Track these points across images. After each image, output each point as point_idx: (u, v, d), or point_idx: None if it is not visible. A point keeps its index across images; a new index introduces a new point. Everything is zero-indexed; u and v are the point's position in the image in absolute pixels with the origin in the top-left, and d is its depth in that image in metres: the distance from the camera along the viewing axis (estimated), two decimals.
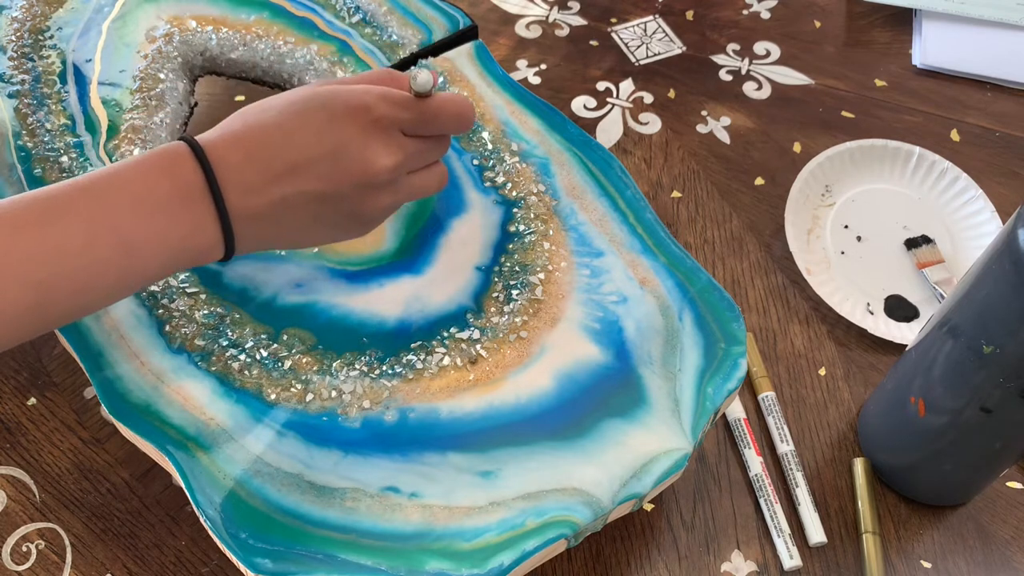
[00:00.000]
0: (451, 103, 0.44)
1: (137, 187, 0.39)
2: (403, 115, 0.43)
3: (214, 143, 0.41)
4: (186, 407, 0.44)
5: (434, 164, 0.47)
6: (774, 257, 0.63)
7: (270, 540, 0.40)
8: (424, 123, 0.43)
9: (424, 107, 0.43)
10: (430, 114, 0.43)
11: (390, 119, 0.42)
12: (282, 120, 0.41)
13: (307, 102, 0.42)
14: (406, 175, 0.44)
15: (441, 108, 0.44)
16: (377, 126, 0.42)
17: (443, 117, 0.44)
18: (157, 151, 0.40)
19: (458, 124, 0.45)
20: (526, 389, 0.45)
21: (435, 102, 0.44)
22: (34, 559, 0.49)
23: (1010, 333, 0.40)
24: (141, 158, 0.40)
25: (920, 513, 0.52)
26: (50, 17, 0.60)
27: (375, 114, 0.42)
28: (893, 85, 0.74)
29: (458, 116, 0.45)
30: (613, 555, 0.51)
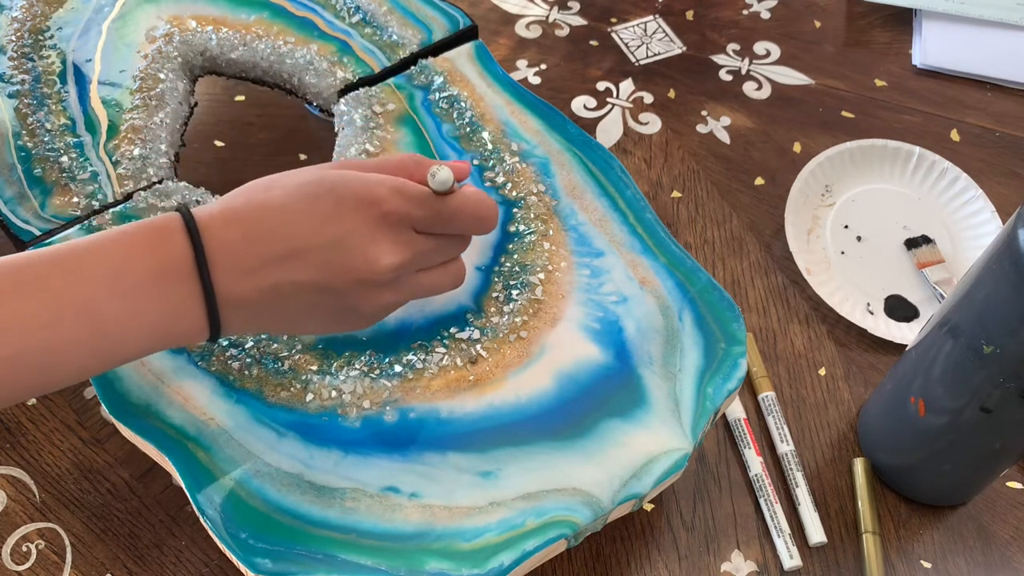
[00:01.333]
0: (472, 204, 0.41)
1: (117, 261, 0.36)
2: (416, 212, 0.40)
3: (210, 217, 0.38)
4: (186, 407, 0.44)
5: (449, 262, 0.43)
6: (774, 257, 0.63)
7: (270, 540, 0.40)
8: (439, 222, 0.41)
9: (441, 205, 0.40)
10: (447, 214, 0.40)
11: (401, 214, 0.39)
12: (286, 201, 0.38)
13: (316, 185, 0.39)
14: (414, 273, 0.41)
15: (460, 209, 0.41)
16: (385, 221, 0.39)
17: (461, 218, 0.41)
18: (149, 221, 0.38)
19: (478, 226, 0.42)
20: (526, 389, 0.45)
21: (454, 201, 0.41)
22: (34, 559, 0.49)
23: (1010, 333, 0.40)
24: (131, 227, 0.37)
25: (920, 513, 0.52)
26: (50, 17, 0.60)
27: (385, 208, 0.39)
28: (893, 85, 0.74)
29: (479, 219, 0.42)
30: (613, 555, 0.51)
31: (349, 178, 0.39)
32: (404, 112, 0.57)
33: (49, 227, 0.50)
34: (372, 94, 0.57)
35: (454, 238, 0.42)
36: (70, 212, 0.51)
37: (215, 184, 0.57)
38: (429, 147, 0.55)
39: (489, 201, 0.42)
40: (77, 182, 0.52)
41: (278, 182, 0.40)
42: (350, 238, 0.38)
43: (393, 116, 0.56)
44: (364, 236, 0.38)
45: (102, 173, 0.52)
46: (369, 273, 0.39)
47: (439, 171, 0.39)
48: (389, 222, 0.39)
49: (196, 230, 0.37)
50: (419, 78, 0.58)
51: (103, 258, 0.36)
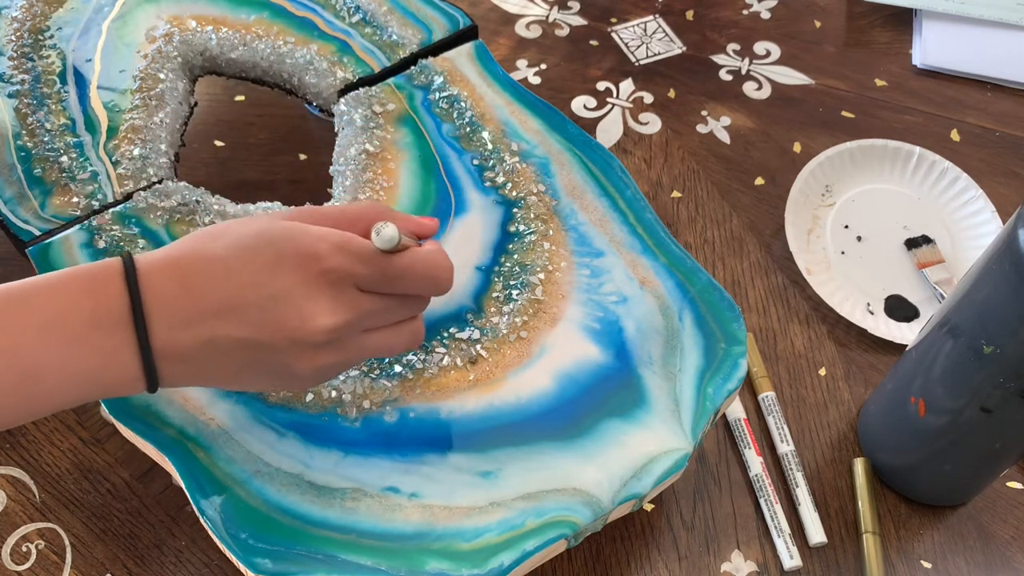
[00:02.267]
0: (423, 264, 0.39)
1: (50, 308, 0.35)
2: (360, 270, 0.38)
3: (150, 266, 0.37)
4: (186, 407, 0.44)
5: (404, 322, 0.41)
6: (774, 257, 0.63)
7: (270, 540, 0.40)
8: (386, 282, 0.38)
9: (387, 264, 0.38)
10: (394, 273, 0.38)
11: (342, 273, 0.37)
12: (227, 254, 0.37)
13: (258, 238, 0.37)
14: (360, 334, 0.39)
15: (410, 269, 0.39)
16: (325, 279, 0.37)
17: (411, 279, 0.39)
18: (90, 266, 0.37)
19: (431, 288, 0.40)
20: (526, 389, 0.45)
21: (402, 261, 0.38)
22: (34, 559, 0.49)
23: (1010, 333, 0.40)
24: (71, 272, 0.36)
25: (920, 513, 0.52)
26: (50, 17, 0.60)
27: (325, 265, 0.37)
28: (893, 85, 0.74)
29: (431, 279, 0.40)
30: (613, 555, 0.51)
31: (292, 232, 0.38)
32: (404, 112, 0.57)
33: (49, 227, 0.50)
34: (372, 94, 0.57)
35: (408, 297, 0.40)
36: (70, 212, 0.51)
37: (215, 184, 0.57)
38: (429, 147, 0.55)
39: (443, 261, 0.40)
40: (77, 182, 0.52)
41: (224, 232, 0.38)
42: (286, 296, 0.37)
43: (393, 116, 0.56)
44: (300, 294, 0.37)
45: (102, 173, 0.52)
46: (304, 333, 0.37)
47: (384, 228, 0.37)
48: (329, 280, 0.37)
49: (135, 278, 0.36)
50: (419, 78, 0.58)
51: (39, 304, 0.35)
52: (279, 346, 0.37)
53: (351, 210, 0.41)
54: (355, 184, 0.53)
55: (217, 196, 0.52)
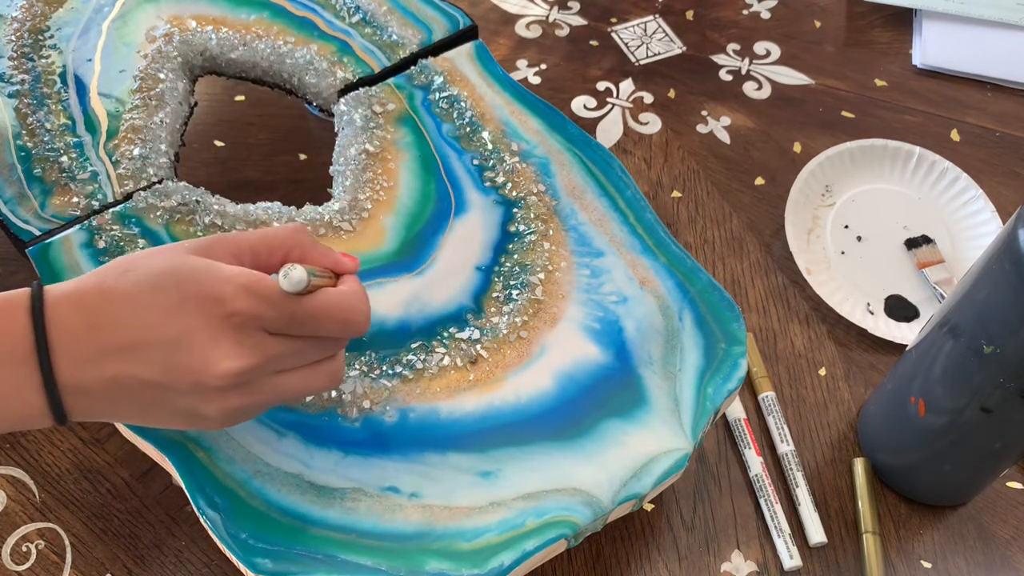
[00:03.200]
0: (335, 307, 0.38)
1: None
2: (267, 313, 0.36)
3: (58, 300, 0.36)
4: None
5: (322, 362, 0.39)
6: (774, 257, 0.63)
7: (270, 540, 0.40)
8: (295, 325, 0.37)
9: (296, 307, 0.37)
10: (304, 316, 0.37)
11: (247, 316, 0.36)
12: (135, 291, 0.36)
13: (165, 276, 0.36)
14: (273, 375, 0.38)
15: (321, 312, 0.37)
16: (230, 322, 0.36)
17: (322, 323, 0.38)
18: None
19: (343, 330, 0.39)
20: (526, 389, 0.45)
21: (311, 304, 0.37)
22: (34, 559, 0.49)
23: (1010, 333, 0.40)
24: None
25: (920, 513, 0.52)
26: (50, 17, 0.60)
27: (229, 308, 0.36)
28: (893, 85, 0.74)
29: (344, 323, 0.38)
30: (613, 555, 0.51)
31: (198, 273, 0.36)
32: (404, 112, 0.57)
33: (49, 227, 0.50)
34: (372, 94, 0.57)
35: (323, 339, 0.39)
36: (70, 212, 0.51)
37: (215, 184, 0.57)
38: (429, 147, 0.55)
39: (358, 304, 0.39)
40: (77, 182, 0.52)
41: (134, 266, 0.37)
42: (190, 338, 0.36)
43: (393, 116, 0.56)
44: (204, 337, 0.36)
45: (102, 173, 0.52)
46: (207, 377, 0.36)
47: (291, 271, 0.35)
48: (234, 323, 0.36)
49: (41, 311, 0.35)
50: (419, 78, 0.58)
51: None
52: (183, 389, 0.36)
53: (271, 236, 0.40)
54: (355, 184, 0.53)
55: (217, 196, 0.52)
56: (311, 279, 0.36)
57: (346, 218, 0.51)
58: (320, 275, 0.38)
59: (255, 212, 0.51)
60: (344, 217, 0.51)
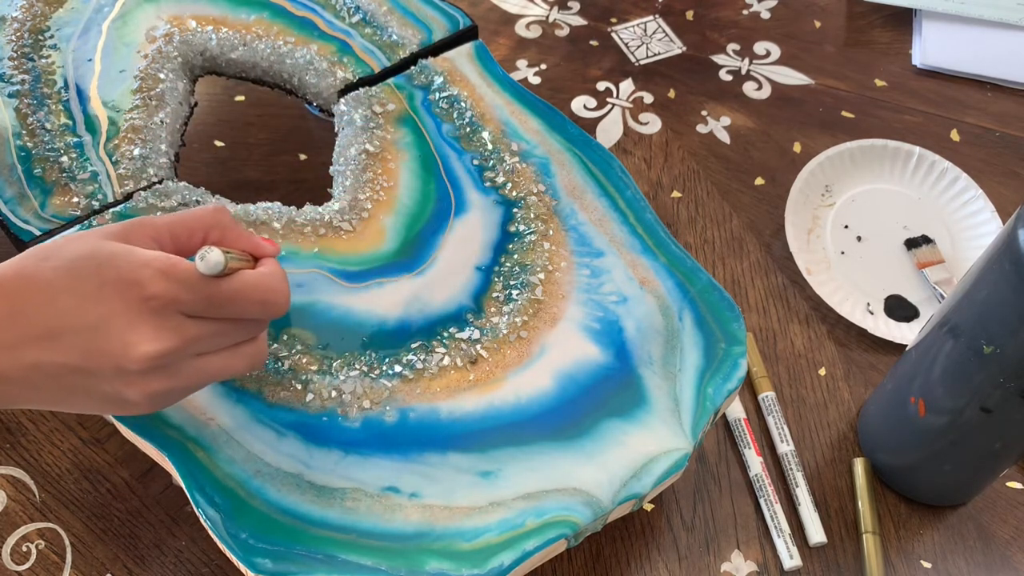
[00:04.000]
0: (253, 289, 0.38)
1: None
2: (184, 296, 0.36)
3: None
4: (186, 407, 0.44)
5: (243, 344, 0.40)
6: (774, 257, 0.63)
7: (270, 540, 0.40)
8: (213, 307, 0.37)
9: (213, 290, 0.37)
10: (222, 298, 0.37)
11: (165, 300, 0.36)
12: (54, 277, 0.36)
13: (84, 262, 0.36)
14: (194, 358, 0.38)
15: (238, 294, 0.38)
16: (147, 305, 0.36)
17: (241, 304, 0.38)
18: None
19: (262, 312, 0.39)
20: (526, 389, 0.45)
21: (229, 286, 0.37)
22: (34, 559, 0.49)
23: (1010, 333, 0.40)
24: None
25: (920, 513, 0.52)
26: (50, 17, 0.60)
27: (147, 292, 0.36)
28: (893, 85, 0.74)
29: (263, 303, 0.38)
30: (613, 555, 0.51)
31: (116, 258, 0.37)
32: (404, 112, 0.57)
33: (49, 227, 0.50)
34: (372, 94, 0.57)
35: (243, 320, 0.39)
36: (70, 212, 0.51)
37: (215, 184, 0.57)
38: (429, 147, 0.55)
39: (276, 284, 0.39)
40: (77, 182, 0.52)
41: (55, 253, 0.37)
42: (109, 323, 0.36)
43: (393, 116, 0.56)
44: (122, 321, 0.36)
45: (102, 173, 0.52)
46: (126, 361, 0.36)
47: (208, 253, 0.36)
48: (151, 307, 0.36)
49: None
50: (419, 78, 0.58)
51: None
52: (105, 373, 0.36)
53: (189, 218, 0.40)
54: (355, 184, 0.53)
55: (217, 196, 0.52)
56: (228, 261, 0.37)
57: (346, 218, 0.51)
58: (239, 258, 0.38)
59: (255, 212, 0.51)
60: (344, 217, 0.51)
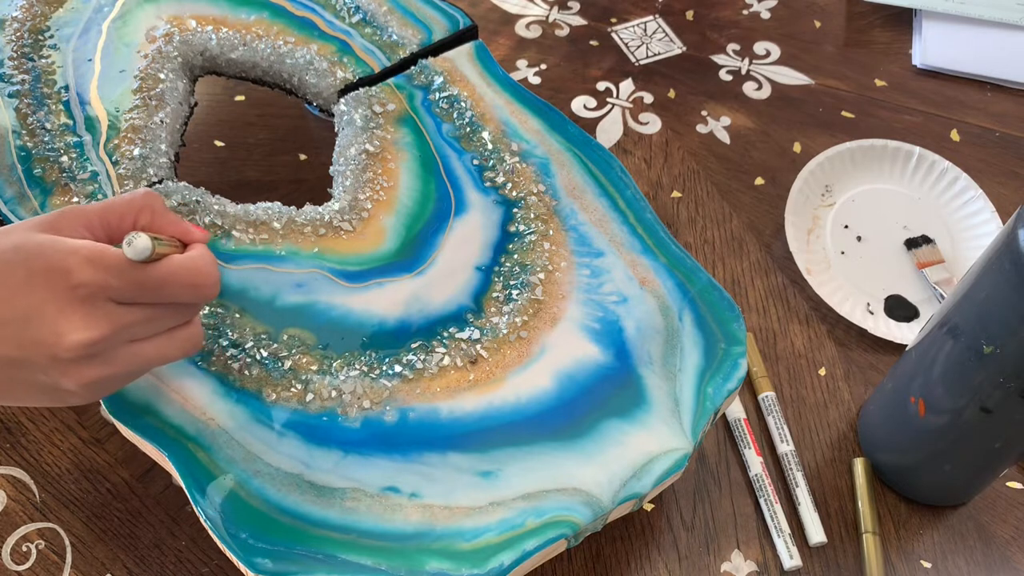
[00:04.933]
0: (183, 272, 0.38)
1: None
2: (113, 283, 0.36)
3: None
4: (186, 407, 0.44)
5: (178, 328, 0.40)
6: (774, 257, 0.63)
7: (270, 540, 0.40)
8: (143, 293, 0.37)
9: (143, 275, 0.37)
10: (152, 283, 0.37)
11: (93, 287, 0.36)
12: None
13: (12, 253, 0.36)
14: (128, 345, 0.38)
15: (168, 279, 0.38)
16: (75, 294, 0.36)
17: (171, 288, 0.38)
18: None
19: (193, 295, 0.39)
20: (526, 389, 0.45)
21: (158, 271, 0.37)
22: (34, 559, 0.49)
23: (1010, 333, 0.40)
24: None
25: (920, 513, 0.52)
26: (50, 17, 0.60)
27: (75, 280, 0.36)
28: (893, 85, 0.74)
29: (193, 287, 0.39)
30: (613, 555, 0.51)
31: (43, 248, 0.37)
32: (404, 112, 0.57)
33: None
34: (372, 94, 0.57)
35: (175, 305, 0.39)
36: None
37: (215, 184, 0.57)
38: (429, 147, 0.55)
39: (205, 267, 0.39)
40: (77, 182, 0.52)
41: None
42: (39, 312, 0.36)
43: (393, 116, 0.56)
44: (52, 310, 0.36)
45: (102, 173, 0.52)
46: (60, 349, 0.36)
47: (135, 239, 0.36)
48: (80, 295, 0.36)
49: None
50: (419, 78, 0.58)
51: None
52: (40, 363, 0.37)
53: (118, 203, 0.40)
54: (355, 184, 0.53)
55: (217, 196, 0.52)
56: (156, 247, 0.37)
57: (346, 218, 0.51)
58: (167, 243, 0.39)
59: (255, 212, 0.51)
60: (344, 217, 0.51)
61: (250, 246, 0.50)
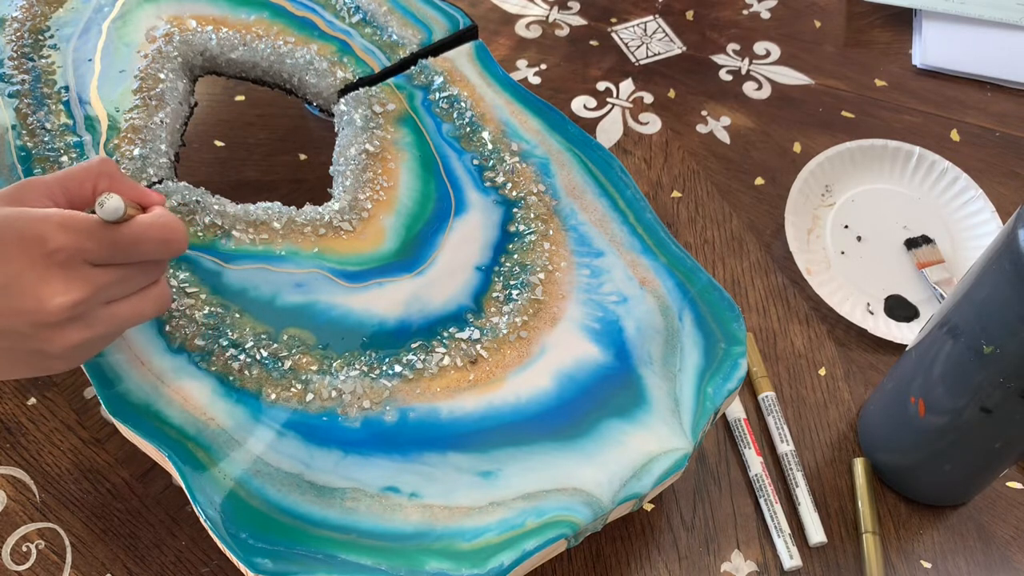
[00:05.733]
0: (154, 229, 0.39)
1: None
2: (88, 245, 0.37)
3: None
4: (186, 407, 0.44)
5: (149, 287, 0.41)
6: (774, 257, 0.63)
7: (270, 540, 0.40)
8: (117, 253, 0.38)
9: (116, 235, 0.38)
10: (125, 243, 0.38)
11: (70, 251, 0.37)
12: None
13: None
14: (105, 306, 0.39)
15: (140, 237, 0.39)
16: (53, 259, 0.37)
17: (144, 246, 0.39)
18: None
19: (165, 251, 0.40)
20: (526, 389, 0.45)
21: (130, 230, 0.38)
22: (34, 559, 0.49)
23: (1010, 333, 0.40)
24: None
25: (920, 513, 0.52)
26: (50, 17, 0.60)
27: (51, 246, 0.37)
28: (893, 85, 0.74)
29: (164, 242, 0.40)
30: (613, 555, 0.51)
31: (13, 217, 0.37)
32: (404, 112, 0.57)
33: None
34: (372, 94, 0.57)
35: (145, 264, 0.40)
36: None
37: (215, 184, 0.57)
38: (429, 147, 0.55)
39: (174, 223, 0.40)
40: None
41: None
42: (17, 281, 0.37)
43: (393, 116, 0.56)
44: (31, 277, 0.37)
45: None
46: (43, 315, 0.37)
47: (108, 200, 0.37)
48: (57, 260, 0.37)
49: None
50: (419, 78, 0.58)
51: None
52: (23, 331, 0.37)
53: (77, 171, 0.41)
54: (355, 184, 0.53)
55: (217, 196, 0.52)
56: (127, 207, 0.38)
57: (346, 218, 0.51)
58: (131, 206, 0.39)
59: (255, 212, 0.51)
60: (344, 217, 0.51)
61: (250, 246, 0.50)
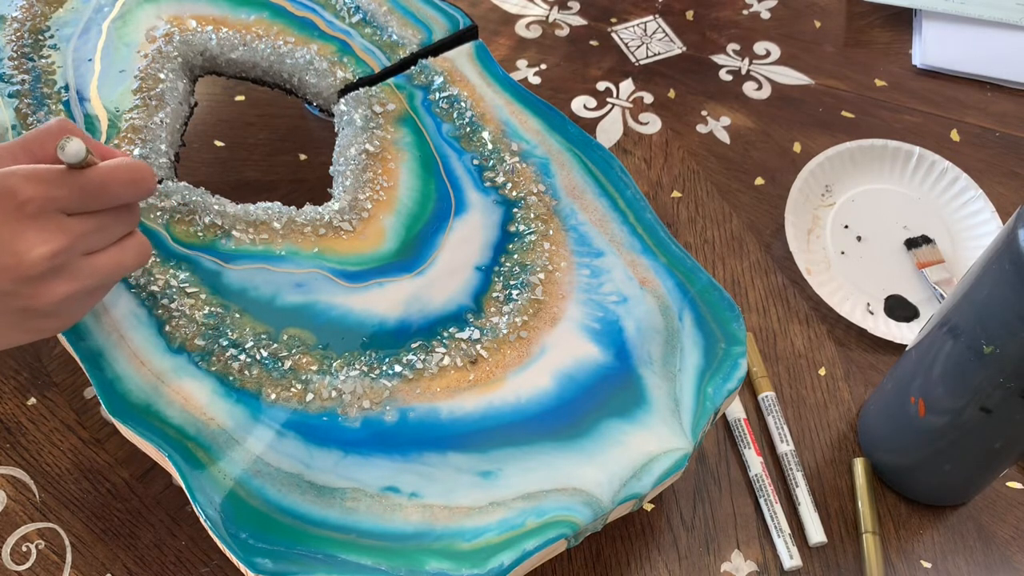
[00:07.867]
0: (120, 170, 0.39)
1: None
2: (58, 193, 0.37)
3: None
4: (186, 407, 0.44)
5: (127, 237, 0.41)
6: (774, 257, 0.63)
7: (270, 540, 0.40)
8: (88, 198, 0.38)
9: (84, 180, 0.38)
10: (93, 187, 0.38)
11: (41, 201, 0.37)
12: None
13: None
14: (83, 257, 0.39)
15: (108, 178, 0.38)
16: (24, 212, 0.36)
17: (113, 188, 0.39)
18: None
19: (134, 191, 0.40)
20: (526, 389, 0.45)
21: (97, 173, 0.38)
22: (34, 559, 0.49)
23: (1010, 333, 0.40)
24: None
25: (920, 513, 0.52)
26: (50, 17, 0.60)
27: (21, 198, 0.36)
28: (893, 85, 0.74)
29: (132, 183, 0.39)
30: (613, 555, 0.51)
31: None
32: (404, 112, 0.57)
33: None
34: (372, 94, 0.57)
35: (118, 211, 0.40)
36: None
37: (215, 184, 0.57)
38: (429, 147, 0.55)
39: (138, 164, 0.40)
40: None
41: None
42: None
43: (393, 116, 0.56)
44: (6, 233, 0.36)
45: None
46: (24, 269, 0.37)
47: (68, 143, 0.36)
48: (29, 212, 0.37)
49: None
50: (419, 78, 0.58)
51: None
52: (6, 288, 0.37)
53: (38, 132, 0.40)
54: (355, 184, 0.53)
55: (217, 196, 0.52)
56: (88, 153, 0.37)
57: (346, 218, 0.51)
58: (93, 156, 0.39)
59: (255, 212, 0.51)
60: (344, 217, 0.51)
61: (250, 246, 0.50)
